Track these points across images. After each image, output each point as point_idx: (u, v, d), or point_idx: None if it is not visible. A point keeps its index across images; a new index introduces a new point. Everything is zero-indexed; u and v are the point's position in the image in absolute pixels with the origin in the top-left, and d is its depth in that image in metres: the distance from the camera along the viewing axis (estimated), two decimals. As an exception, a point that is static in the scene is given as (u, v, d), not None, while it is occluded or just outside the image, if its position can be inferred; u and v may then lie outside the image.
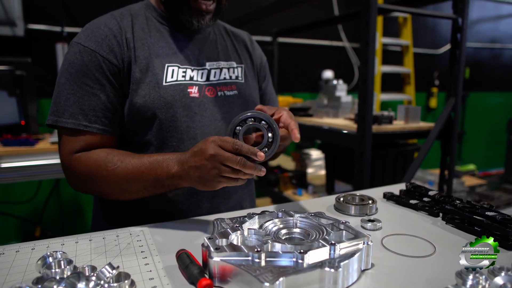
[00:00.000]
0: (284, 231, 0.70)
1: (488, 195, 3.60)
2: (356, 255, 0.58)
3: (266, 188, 2.89)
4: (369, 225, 0.80)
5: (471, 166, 4.38)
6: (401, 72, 3.86)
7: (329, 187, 2.58)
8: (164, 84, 0.90)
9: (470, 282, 0.52)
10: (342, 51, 3.83)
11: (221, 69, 1.01)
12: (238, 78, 1.04)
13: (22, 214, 2.63)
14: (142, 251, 0.69)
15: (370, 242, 0.61)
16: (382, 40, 3.61)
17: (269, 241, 0.60)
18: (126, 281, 0.55)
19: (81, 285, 0.50)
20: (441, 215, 0.87)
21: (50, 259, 0.59)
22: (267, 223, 0.71)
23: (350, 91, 3.34)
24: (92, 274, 0.55)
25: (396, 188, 1.06)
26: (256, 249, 0.56)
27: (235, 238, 0.63)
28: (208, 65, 0.99)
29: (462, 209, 0.81)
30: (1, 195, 2.54)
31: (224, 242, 0.59)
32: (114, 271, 0.54)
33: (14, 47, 2.48)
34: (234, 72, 1.04)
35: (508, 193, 3.79)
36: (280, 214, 0.74)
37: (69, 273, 0.55)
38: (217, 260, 0.55)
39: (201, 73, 0.97)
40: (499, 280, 0.51)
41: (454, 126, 1.90)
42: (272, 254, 0.56)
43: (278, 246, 0.59)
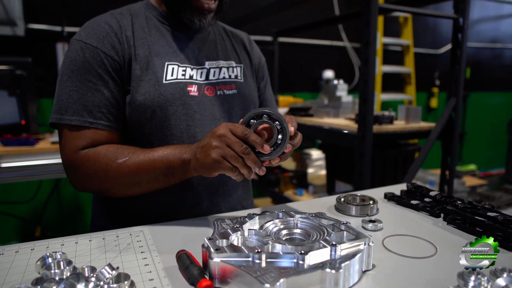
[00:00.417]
0: (285, 232, 0.69)
1: (489, 196, 3.60)
2: (357, 256, 0.58)
3: (267, 188, 2.89)
4: (370, 226, 0.80)
5: (472, 166, 4.38)
6: (402, 72, 3.86)
7: (330, 187, 2.58)
8: (164, 82, 0.90)
9: (472, 284, 0.52)
10: (343, 51, 3.82)
11: (221, 69, 1.01)
12: (237, 78, 1.04)
13: (22, 214, 2.63)
14: (142, 252, 0.69)
15: (371, 243, 0.61)
16: (383, 40, 3.61)
17: (270, 242, 0.60)
18: (126, 282, 0.54)
19: (81, 286, 0.50)
20: (442, 216, 0.86)
21: (50, 260, 0.58)
22: (268, 224, 0.71)
23: (351, 91, 3.34)
24: (92, 275, 0.55)
25: (397, 189, 1.06)
26: (257, 250, 0.55)
27: (236, 239, 0.63)
28: (208, 64, 0.99)
29: (464, 210, 0.80)
30: (1, 195, 2.54)
31: (225, 243, 0.59)
32: (114, 272, 0.54)
33: (14, 47, 2.48)
34: (233, 72, 1.03)
35: (509, 194, 3.79)
36: (281, 215, 0.73)
37: (69, 274, 0.55)
38: (218, 261, 0.55)
39: (201, 72, 0.97)
40: (501, 282, 0.51)
41: (455, 126, 1.90)
42: (273, 255, 0.56)
43: (279, 247, 0.59)
